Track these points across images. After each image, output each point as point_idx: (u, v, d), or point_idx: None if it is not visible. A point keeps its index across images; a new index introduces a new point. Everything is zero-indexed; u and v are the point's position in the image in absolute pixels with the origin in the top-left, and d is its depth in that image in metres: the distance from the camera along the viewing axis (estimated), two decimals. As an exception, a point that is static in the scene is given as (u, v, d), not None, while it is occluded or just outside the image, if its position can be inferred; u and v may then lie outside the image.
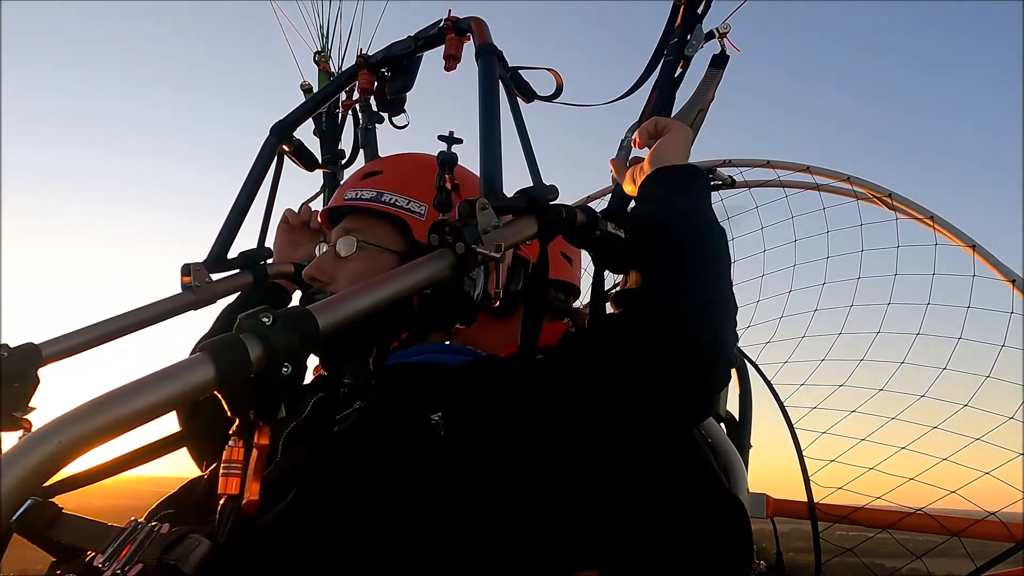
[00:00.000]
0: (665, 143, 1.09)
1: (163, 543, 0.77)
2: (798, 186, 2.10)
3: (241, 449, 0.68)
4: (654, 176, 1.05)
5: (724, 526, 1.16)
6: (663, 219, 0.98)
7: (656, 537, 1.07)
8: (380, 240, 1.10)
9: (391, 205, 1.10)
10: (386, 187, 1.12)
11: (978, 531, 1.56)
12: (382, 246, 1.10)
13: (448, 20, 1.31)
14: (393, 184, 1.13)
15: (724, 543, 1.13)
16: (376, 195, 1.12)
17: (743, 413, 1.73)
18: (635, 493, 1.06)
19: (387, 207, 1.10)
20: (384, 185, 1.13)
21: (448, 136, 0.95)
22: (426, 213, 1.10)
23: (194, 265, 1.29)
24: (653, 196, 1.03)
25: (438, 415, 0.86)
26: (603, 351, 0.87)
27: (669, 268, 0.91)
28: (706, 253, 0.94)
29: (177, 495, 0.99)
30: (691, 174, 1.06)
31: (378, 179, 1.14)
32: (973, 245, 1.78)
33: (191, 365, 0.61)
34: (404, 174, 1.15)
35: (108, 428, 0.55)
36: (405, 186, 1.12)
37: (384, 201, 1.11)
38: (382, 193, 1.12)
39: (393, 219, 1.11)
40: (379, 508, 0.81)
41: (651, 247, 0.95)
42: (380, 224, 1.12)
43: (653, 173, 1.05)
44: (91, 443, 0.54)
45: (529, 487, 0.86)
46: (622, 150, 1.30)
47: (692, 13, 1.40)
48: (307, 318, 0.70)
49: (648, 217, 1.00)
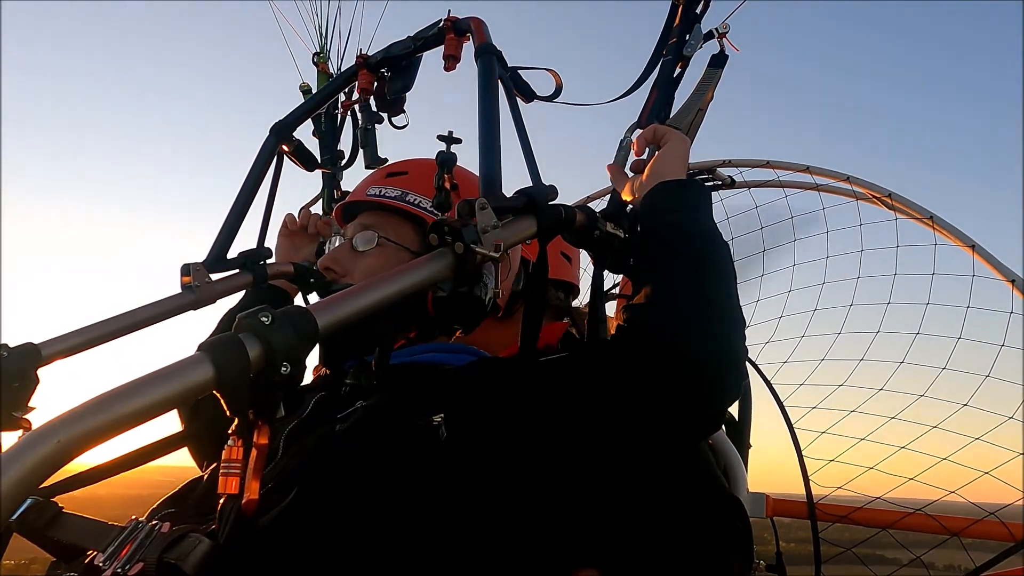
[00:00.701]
0: (664, 156, 1.09)
1: (163, 542, 0.77)
2: (798, 186, 2.10)
3: (240, 448, 0.68)
4: (656, 191, 1.04)
5: (724, 527, 1.16)
6: (668, 233, 0.97)
7: (656, 537, 1.07)
8: (400, 238, 1.13)
9: (416, 206, 1.14)
10: (412, 187, 1.16)
11: (978, 530, 1.57)
12: (401, 244, 1.13)
13: (447, 20, 1.31)
14: (418, 186, 1.16)
15: (724, 544, 1.13)
16: (401, 194, 1.15)
17: (743, 413, 1.74)
18: (635, 494, 1.07)
19: (412, 207, 1.14)
20: (410, 186, 1.16)
21: (447, 136, 0.95)
22: None
23: (194, 265, 1.29)
24: (656, 210, 1.02)
25: (440, 416, 0.86)
26: (610, 364, 0.87)
27: (676, 282, 0.91)
28: (712, 267, 0.94)
29: (178, 494, 0.99)
30: (693, 188, 1.06)
31: (404, 179, 1.18)
32: (973, 245, 1.78)
33: (190, 364, 0.61)
34: (430, 177, 1.15)
35: (107, 427, 0.55)
36: (430, 189, 1.13)
37: (409, 201, 1.14)
38: (407, 193, 1.15)
39: (415, 219, 1.14)
40: (380, 507, 0.81)
41: (657, 261, 0.94)
42: (401, 223, 1.14)
43: (655, 188, 1.04)
44: (90, 442, 0.54)
45: (529, 489, 0.86)
46: (621, 150, 1.30)
47: (691, 13, 1.40)
48: (306, 318, 0.70)
49: (653, 231, 0.99)
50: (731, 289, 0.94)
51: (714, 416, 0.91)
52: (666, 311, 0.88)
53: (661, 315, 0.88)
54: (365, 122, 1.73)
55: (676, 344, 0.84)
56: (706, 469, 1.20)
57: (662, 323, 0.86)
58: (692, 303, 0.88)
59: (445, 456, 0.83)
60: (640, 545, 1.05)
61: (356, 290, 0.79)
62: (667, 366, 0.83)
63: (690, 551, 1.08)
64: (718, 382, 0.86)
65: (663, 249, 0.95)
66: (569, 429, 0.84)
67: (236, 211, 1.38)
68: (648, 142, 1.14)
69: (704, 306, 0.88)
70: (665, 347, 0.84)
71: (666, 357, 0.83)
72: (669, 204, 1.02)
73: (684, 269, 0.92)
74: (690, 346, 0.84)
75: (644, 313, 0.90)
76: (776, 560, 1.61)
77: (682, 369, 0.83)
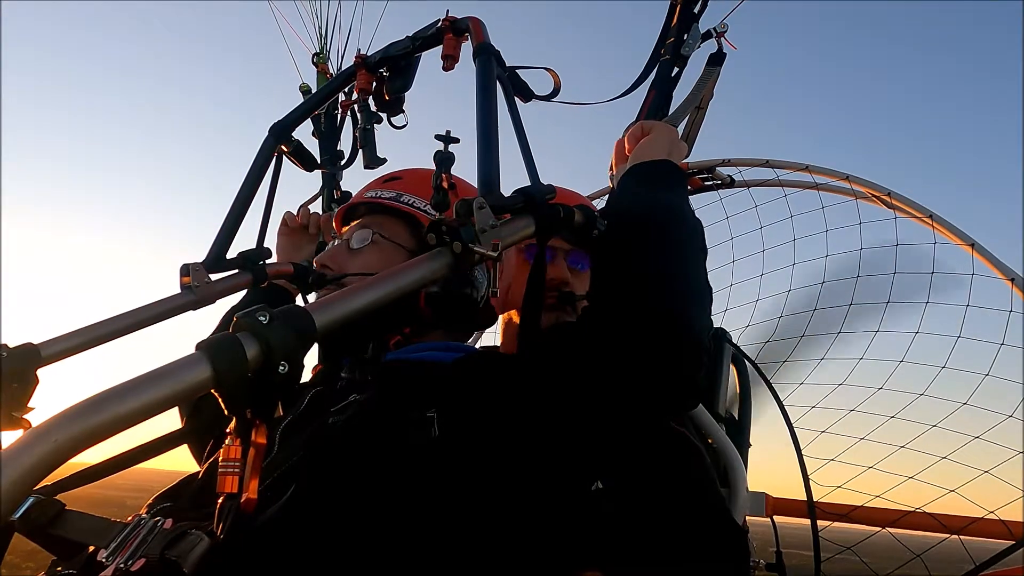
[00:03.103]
0: (645, 142, 1.13)
1: (165, 538, 0.77)
2: (797, 185, 2.10)
3: (239, 447, 0.69)
4: (629, 171, 1.08)
5: (723, 527, 1.16)
6: (630, 206, 1.01)
7: (655, 538, 1.07)
8: (395, 236, 1.17)
9: (409, 205, 1.18)
10: (406, 189, 1.20)
11: (977, 530, 1.56)
12: (395, 242, 1.16)
13: (446, 20, 1.31)
14: (412, 188, 1.21)
15: (724, 544, 1.14)
16: (396, 195, 1.20)
17: (743, 413, 1.74)
18: (635, 494, 1.07)
19: (405, 206, 1.18)
20: (404, 188, 1.21)
21: (445, 135, 0.95)
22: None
23: (193, 265, 1.29)
24: (624, 188, 1.06)
25: (433, 411, 0.87)
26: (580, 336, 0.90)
27: (636, 252, 0.93)
28: (674, 238, 0.96)
29: (175, 489, 0.99)
30: (664, 168, 1.08)
31: (399, 183, 1.23)
32: (972, 244, 1.78)
33: (188, 364, 0.61)
34: (423, 180, 1.20)
35: (105, 427, 0.55)
36: (423, 190, 1.18)
37: (404, 201, 1.19)
38: (401, 194, 1.20)
39: (409, 218, 1.18)
40: (374, 504, 0.81)
41: (619, 233, 0.97)
42: (396, 222, 1.18)
43: (628, 168, 1.09)
44: (87, 442, 0.54)
45: (522, 484, 0.86)
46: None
47: (689, 13, 1.40)
48: (304, 317, 0.70)
49: (616, 205, 1.03)
50: (692, 261, 0.96)
51: (676, 384, 0.88)
52: (623, 282, 0.90)
53: (618, 287, 0.90)
54: (364, 122, 1.73)
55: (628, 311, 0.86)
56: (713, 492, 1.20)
57: (618, 294, 0.89)
58: (645, 273, 0.90)
59: (437, 452, 0.84)
60: (640, 546, 1.05)
61: (354, 290, 0.79)
62: (621, 333, 0.85)
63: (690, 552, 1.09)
64: (673, 347, 0.85)
65: (625, 222, 0.98)
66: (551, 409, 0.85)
67: (235, 211, 1.37)
68: (637, 139, 1.15)
69: (658, 276, 0.90)
70: (619, 316, 0.86)
71: (620, 325, 0.86)
72: (636, 182, 1.06)
73: (643, 242, 0.94)
74: (640, 312, 0.86)
75: (603, 287, 0.93)
76: (776, 560, 1.61)
77: (635, 335, 0.84)
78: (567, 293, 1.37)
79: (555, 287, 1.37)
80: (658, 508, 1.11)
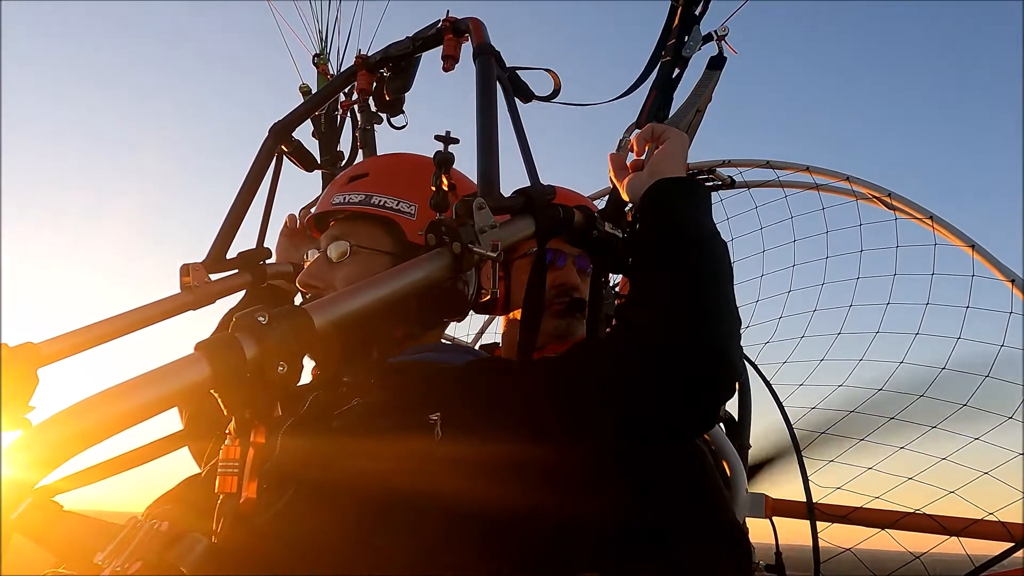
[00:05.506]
0: (663, 154, 1.07)
1: (163, 541, 0.77)
2: (797, 186, 2.10)
3: (238, 448, 0.68)
4: (655, 188, 1.02)
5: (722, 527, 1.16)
6: (667, 232, 0.96)
7: (656, 538, 1.07)
8: (372, 243, 1.09)
9: (382, 207, 1.09)
10: (375, 189, 1.11)
11: (977, 531, 1.56)
12: (375, 248, 1.09)
13: (446, 21, 1.31)
14: (381, 186, 1.11)
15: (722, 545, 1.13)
16: (365, 198, 1.10)
17: (743, 413, 1.73)
18: (635, 496, 1.07)
19: (378, 209, 1.09)
20: (372, 187, 1.11)
21: (445, 136, 0.95)
22: (416, 212, 1.09)
23: (193, 265, 1.29)
24: (655, 208, 1.01)
25: (436, 415, 0.86)
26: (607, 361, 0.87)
27: (673, 280, 0.90)
28: (710, 266, 0.93)
29: (175, 491, 0.99)
30: (692, 187, 1.04)
31: (365, 182, 1.12)
32: (972, 245, 1.78)
33: (187, 364, 0.61)
34: (391, 175, 1.14)
35: (104, 427, 0.55)
36: (393, 187, 1.10)
37: (374, 203, 1.09)
38: (371, 195, 1.10)
39: (384, 221, 1.09)
40: (376, 506, 0.81)
41: (655, 260, 0.93)
42: (371, 226, 1.10)
43: (654, 185, 1.02)
44: (87, 441, 0.55)
45: (526, 490, 0.86)
46: (620, 150, 1.30)
47: (690, 14, 1.40)
48: (303, 317, 0.70)
49: (651, 229, 0.98)
50: (728, 289, 0.93)
51: (707, 414, 0.90)
52: (663, 310, 0.88)
53: (658, 313, 0.88)
54: (364, 122, 1.73)
55: (672, 343, 0.84)
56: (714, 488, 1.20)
57: (659, 321, 0.86)
58: (689, 302, 0.88)
59: (440, 456, 0.83)
60: (640, 548, 1.05)
61: (353, 290, 0.79)
62: (662, 364, 0.83)
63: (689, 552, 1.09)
64: (712, 381, 0.85)
65: (662, 247, 0.95)
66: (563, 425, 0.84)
67: (235, 211, 1.38)
68: (647, 141, 1.13)
69: (701, 306, 0.88)
70: (661, 345, 0.84)
71: (662, 355, 0.83)
72: (668, 202, 1.00)
73: (682, 268, 0.91)
74: (686, 345, 0.84)
75: (641, 311, 0.89)
76: (776, 560, 1.61)
77: (677, 368, 0.83)
78: (578, 300, 1.33)
79: (565, 292, 1.33)
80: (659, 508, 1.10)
